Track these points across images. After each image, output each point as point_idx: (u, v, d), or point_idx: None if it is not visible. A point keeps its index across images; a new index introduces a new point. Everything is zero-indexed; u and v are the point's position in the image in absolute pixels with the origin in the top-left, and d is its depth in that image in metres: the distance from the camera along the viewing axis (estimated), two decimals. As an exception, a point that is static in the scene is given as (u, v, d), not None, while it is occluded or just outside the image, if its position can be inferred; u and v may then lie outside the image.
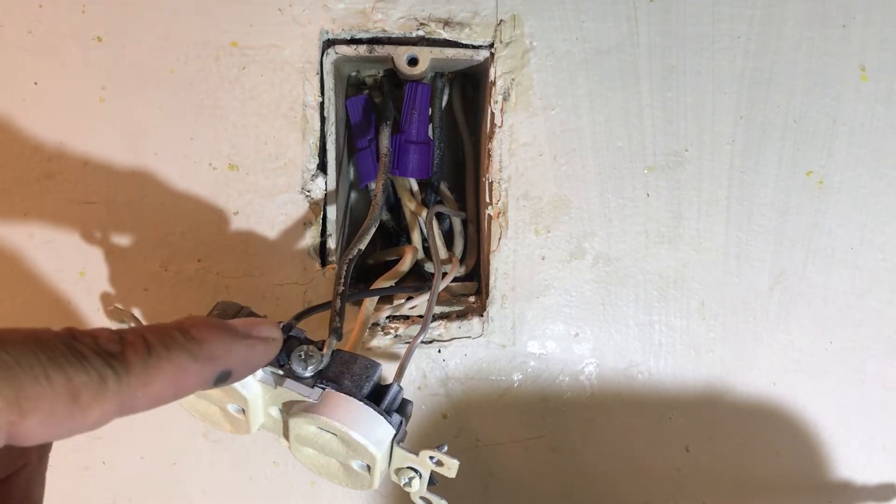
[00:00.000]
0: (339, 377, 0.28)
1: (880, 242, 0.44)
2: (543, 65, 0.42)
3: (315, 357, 0.28)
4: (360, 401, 0.28)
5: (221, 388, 0.27)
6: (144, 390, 0.20)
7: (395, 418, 0.28)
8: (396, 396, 0.29)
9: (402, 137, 0.43)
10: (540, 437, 0.43)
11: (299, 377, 0.28)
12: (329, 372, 0.29)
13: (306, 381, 0.28)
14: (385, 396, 0.29)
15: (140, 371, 0.20)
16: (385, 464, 0.28)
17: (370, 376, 0.29)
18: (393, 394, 0.29)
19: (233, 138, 0.41)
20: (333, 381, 0.28)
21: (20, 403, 0.17)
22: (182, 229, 0.41)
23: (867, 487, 0.44)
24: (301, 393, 0.28)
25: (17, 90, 0.40)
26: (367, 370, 0.29)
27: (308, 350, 0.28)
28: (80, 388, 0.18)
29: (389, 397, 0.29)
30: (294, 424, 0.28)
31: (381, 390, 0.29)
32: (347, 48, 0.41)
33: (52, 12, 0.40)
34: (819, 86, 0.43)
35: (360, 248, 0.36)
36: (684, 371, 0.43)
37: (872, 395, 0.44)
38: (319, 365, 0.28)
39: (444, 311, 0.43)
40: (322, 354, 0.28)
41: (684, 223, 0.43)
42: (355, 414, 0.27)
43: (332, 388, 0.28)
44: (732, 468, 0.44)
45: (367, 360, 0.29)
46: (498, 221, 0.42)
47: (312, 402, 0.27)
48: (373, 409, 0.28)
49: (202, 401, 0.31)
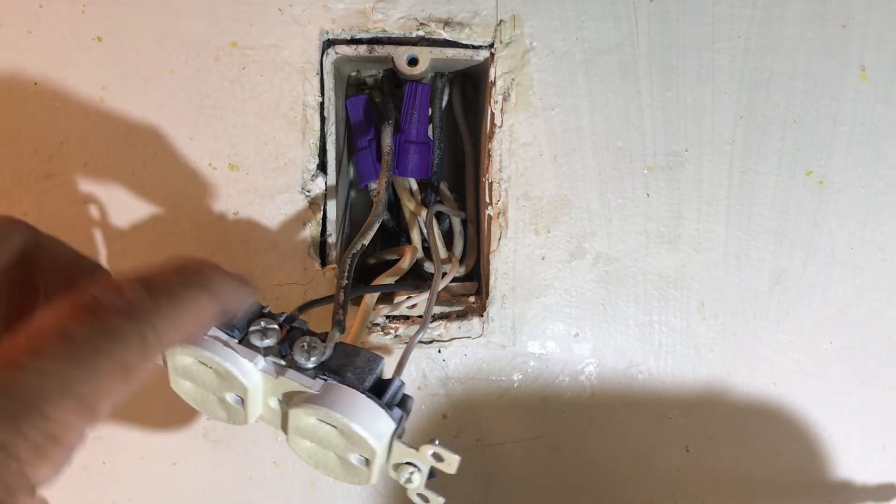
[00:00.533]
0: (341, 369, 0.28)
1: (880, 242, 0.44)
2: (543, 65, 0.42)
3: (318, 348, 0.28)
4: (362, 393, 0.27)
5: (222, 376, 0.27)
6: (176, 331, 0.21)
7: (396, 412, 0.28)
8: (398, 391, 0.29)
9: (402, 137, 0.43)
10: (540, 437, 0.43)
11: (301, 368, 0.28)
12: (331, 364, 0.28)
13: (308, 371, 0.28)
14: (387, 390, 0.29)
15: (170, 314, 0.21)
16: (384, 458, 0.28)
17: (373, 369, 0.29)
18: (395, 388, 0.29)
19: (233, 138, 0.41)
20: (335, 373, 0.28)
21: (88, 406, 0.18)
22: (182, 229, 0.41)
23: (867, 487, 0.44)
24: (302, 383, 0.27)
25: (17, 90, 0.40)
26: (370, 363, 0.29)
27: (311, 341, 0.28)
28: (127, 359, 0.19)
29: (391, 391, 0.29)
30: (294, 415, 0.28)
31: (383, 384, 0.29)
32: (347, 48, 0.41)
33: (52, 12, 0.40)
34: (819, 86, 0.43)
35: (363, 244, 0.36)
36: (684, 371, 0.43)
37: (872, 395, 0.44)
38: (322, 356, 0.28)
39: (444, 311, 0.43)
40: (325, 346, 0.28)
41: (684, 223, 0.43)
42: (357, 406, 0.27)
43: (334, 380, 0.28)
44: (732, 468, 0.44)
45: (369, 353, 0.29)
46: (498, 221, 0.42)
47: (314, 392, 0.27)
48: (374, 402, 0.27)
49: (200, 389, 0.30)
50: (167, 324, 0.20)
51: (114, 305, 0.20)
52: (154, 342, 0.20)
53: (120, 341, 0.19)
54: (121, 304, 0.20)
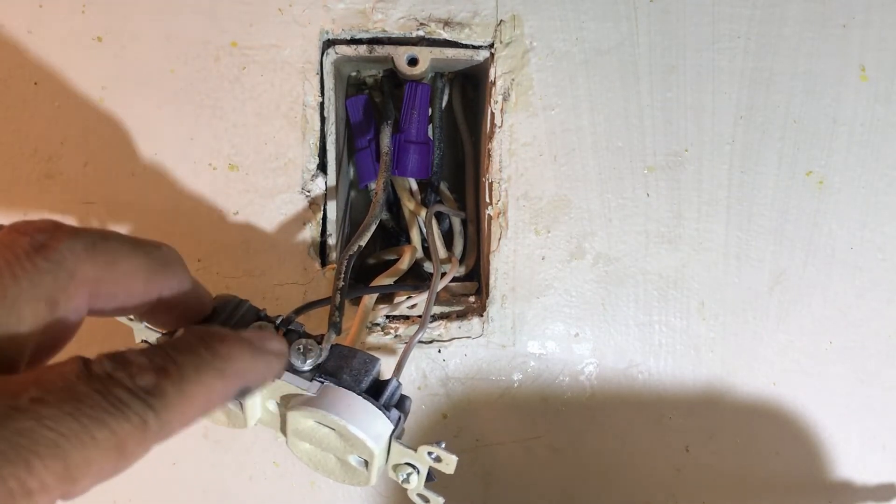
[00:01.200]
0: (337, 371, 0.28)
1: (880, 242, 0.44)
2: (543, 65, 0.42)
3: (314, 350, 0.28)
4: (358, 395, 0.27)
5: None
6: (180, 419, 0.20)
7: (394, 413, 0.28)
8: (395, 392, 0.29)
9: (402, 137, 0.43)
10: (540, 437, 0.43)
11: (297, 370, 0.28)
12: (327, 366, 0.28)
13: (304, 374, 0.28)
14: (384, 391, 0.29)
15: (176, 402, 0.19)
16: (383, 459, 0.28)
17: (369, 371, 0.29)
18: (392, 389, 0.29)
19: (233, 138, 0.41)
20: (332, 375, 0.28)
21: (71, 475, 0.17)
22: (182, 229, 0.41)
23: (867, 487, 0.44)
24: (299, 386, 0.27)
25: (17, 90, 0.40)
26: (366, 365, 0.29)
27: (307, 344, 0.28)
28: (124, 438, 0.18)
29: (388, 392, 0.29)
30: (292, 418, 0.28)
31: (380, 385, 0.29)
32: (347, 48, 0.41)
33: (52, 12, 0.40)
34: (819, 86, 0.43)
35: (360, 245, 0.36)
36: (684, 371, 0.43)
37: (872, 395, 0.44)
38: (318, 359, 0.28)
39: (444, 311, 0.43)
40: (321, 348, 0.28)
41: (684, 223, 0.43)
42: (354, 408, 0.27)
43: (330, 382, 0.28)
44: (732, 468, 0.44)
45: (366, 354, 0.29)
46: (498, 221, 0.42)
47: (311, 395, 0.27)
48: (371, 404, 0.27)
49: None
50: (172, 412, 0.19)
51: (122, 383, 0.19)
52: (155, 430, 0.19)
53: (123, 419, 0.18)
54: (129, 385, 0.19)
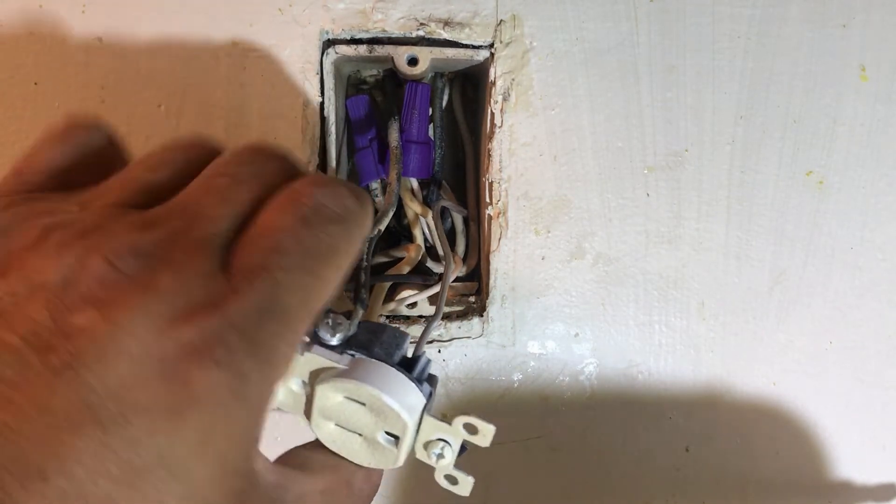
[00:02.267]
0: (368, 344, 0.27)
1: (880, 242, 0.44)
2: (543, 65, 0.42)
3: (343, 325, 0.27)
4: (391, 367, 0.27)
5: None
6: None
7: (426, 387, 0.28)
8: (426, 366, 0.29)
9: (403, 137, 0.43)
10: (540, 437, 0.43)
11: (327, 344, 0.27)
12: (358, 339, 0.28)
13: (335, 348, 0.27)
14: (416, 365, 0.28)
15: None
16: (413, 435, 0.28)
17: (400, 344, 0.28)
18: (423, 363, 0.28)
19: (233, 138, 0.41)
20: (363, 348, 0.27)
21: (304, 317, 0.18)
22: (182, 229, 0.41)
23: (867, 487, 0.44)
24: (330, 359, 0.27)
25: (17, 90, 0.40)
26: (397, 339, 0.28)
27: (335, 318, 0.27)
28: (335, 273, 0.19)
29: (420, 366, 0.28)
30: (321, 392, 0.27)
31: (410, 361, 0.28)
32: (347, 48, 0.41)
33: (52, 12, 0.40)
34: (819, 86, 0.43)
35: (379, 229, 0.36)
36: (684, 371, 0.43)
37: (872, 395, 0.44)
38: (348, 332, 0.27)
39: (445, 310, 0.43)
40: (349, 322, 0.28)
41: (684, 223, 0.43)
42: (388, 379, 0.26)
43: (361, 355, 0.27)
44: (732, 468, 0.44)
45: (395, 328, 0.29)
46: (498, 221, 0.42)
47: (342, 367, 0.26)
48: (405, 376, 0.27)
49: None
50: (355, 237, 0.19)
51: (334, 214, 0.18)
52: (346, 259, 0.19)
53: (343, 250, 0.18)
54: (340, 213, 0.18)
